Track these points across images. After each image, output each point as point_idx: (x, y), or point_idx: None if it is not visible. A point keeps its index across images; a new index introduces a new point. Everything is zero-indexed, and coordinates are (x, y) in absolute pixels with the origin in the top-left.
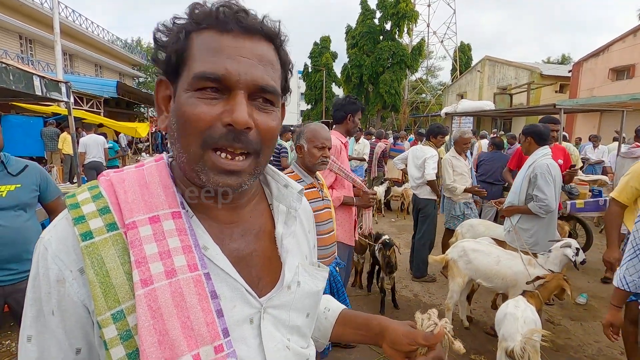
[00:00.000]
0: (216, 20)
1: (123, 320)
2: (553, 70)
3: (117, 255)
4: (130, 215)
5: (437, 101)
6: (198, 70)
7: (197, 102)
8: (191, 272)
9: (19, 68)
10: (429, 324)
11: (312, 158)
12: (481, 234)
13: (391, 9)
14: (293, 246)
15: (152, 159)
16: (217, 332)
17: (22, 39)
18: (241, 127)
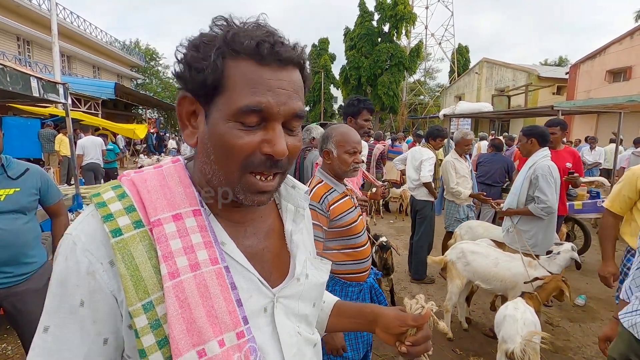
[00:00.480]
0: (256, 54)
1: (152, 310)
2: (550, 72)
3: (145, 251)
4: (155, 214)
5: (435, 103)
6: (243, 103)
7: (239, 133)
8: (213, 265)
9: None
10: (417, 307)
11: (343, 165)
12: (480, 236)
13: (389, 11)
14: (301, 242)
15: (169, 160)
16: (238, 320)
17: (19, 40)
18: (281, 157)
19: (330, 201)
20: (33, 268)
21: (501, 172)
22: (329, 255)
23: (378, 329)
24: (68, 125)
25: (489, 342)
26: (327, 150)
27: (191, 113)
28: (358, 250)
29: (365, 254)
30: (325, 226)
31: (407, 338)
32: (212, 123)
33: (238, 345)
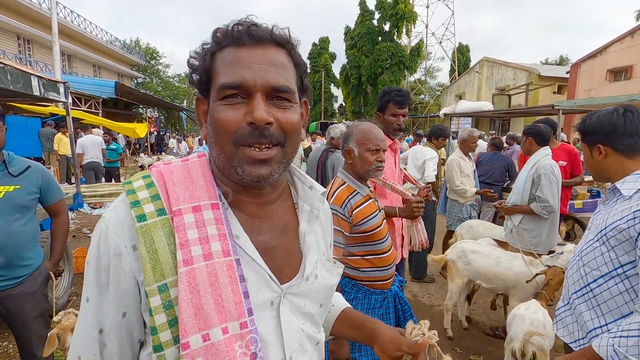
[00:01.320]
0: (232, 38)
1: (166, 292)
2: (551, 71)
3: (165, 237)
4: (177, 204)
5: (436, 102)
6: (220, 82)
7: (224, 109)
8: (225, 257)
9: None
10: (417, 333)
11: (364, 164)
12: (481, 235)
13: (390, 10)
14: (313, 243)
15: (195, 155)
16: (243, 311)
17: (20, 39)
18: (261, 123)
19: (353, 205)
20: (28, 271)
21: (501, 171)
22: (351, 262)
23: (375, 347)
24: (69, 124)
25: (489, 341)
26: (348, 149)
27: (205, 112)
28: (382, 256)
29: (390, 260)
30: (347, 232)
31: None
32: (209, 110)
33: (240, 334)
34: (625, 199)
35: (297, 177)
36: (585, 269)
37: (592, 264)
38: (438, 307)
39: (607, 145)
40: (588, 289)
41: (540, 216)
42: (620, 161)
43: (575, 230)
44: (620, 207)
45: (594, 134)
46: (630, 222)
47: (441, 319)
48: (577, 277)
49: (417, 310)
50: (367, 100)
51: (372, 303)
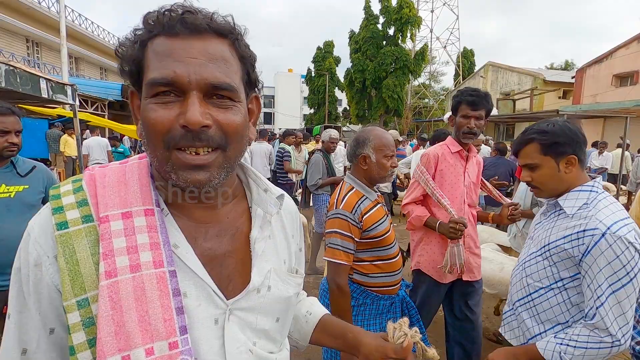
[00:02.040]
0: (164, 26)
1: (87, 307)
2: (556, 76)
3: (89, 246)
4: (105, 210)
5: (440, 106)
6: (150, 77)
7: (155, 108)
8: (155, 268)
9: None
10: (399, 334)
11: (382, 170)
12: (485, 241)
13: (394, 14)
14: (268, 250)
15: (136, 157)
16: (174, 329)
17: (28, 42)
18: (195, 127)
19: (363, 210)
20: None
21: (505, 175)
22: (360, 268)
23: (360, 356)
24: (76, 126)
25: (493, 347)
26: (364, 155)
27: (139, 108)
28: (390, 261)
29: (398, 266)
30: (357, 238)
31: None
32: (141, 107)
33: (169, 355)
34: (567, 216)
35: (252, 179)
36: (528, 279)
37: (535, 276)
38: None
39: (576, 156)
40: (530, 299)
41: None
42: (578, 173)
43: None
44: (563, 224)
45: (565, 144)
46: (575, 243)
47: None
48: (520, 286)
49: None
50: (371, 104)
51: (380, 309)
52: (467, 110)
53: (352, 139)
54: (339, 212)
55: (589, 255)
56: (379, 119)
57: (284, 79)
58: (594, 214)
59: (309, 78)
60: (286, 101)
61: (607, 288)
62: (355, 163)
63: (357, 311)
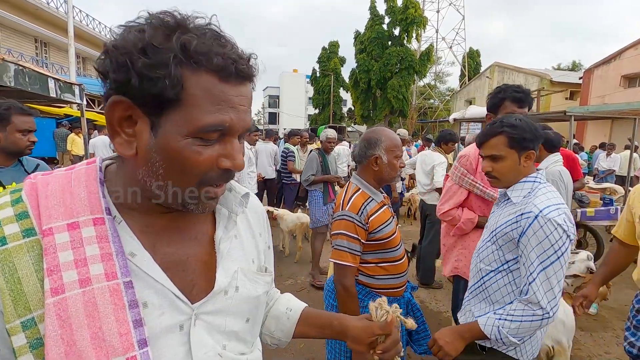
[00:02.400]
0: (218, 67)
1: (34, 328)
2: (563, 77)
3: (32, 262)
4: (48, 222)
5: (445, 107)
6: (206, 122)
7: (198, 149)
8: (108, 280)
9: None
10: (382, 313)
11: (393, 170)
12: None
13: (400, 14)
14: (234, 250)
15: (84, 162)
16: (132, 343)
17: (37, 42)
18: (239, 170)
19: (369, 212)
20: None
21: None
22: (365, 269)
23: (349, 340)
24: (83, 125)
25: None
26: (376, 156)
27: (125, 118)
28: (396, 263)
29: (403, 268)
30: (363, 239)
31: (378, 347)
32: (166, 137)
33: None
34: (512, 203)
35: None
36: (480, 264)
37: (486, 261)
38: (446, 313)
39: (534, 151)
40: (482, 282)
41: None
42: (531, 166)
43: (588, 238)
44: (508, 210)
45: (529, 140)
46: (514, 226)
47: (448, 325)
48: (475, 271)
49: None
50: (375, 105)
51: None
52: (512, 107)
53: (362, 140)
54: (345, 213)
55: (524, 235)
56: (384, 119)
57: (289, 79)
58: (532, 200)
59: (313, 78)
60: (291, 101)
61: (538, 265)
62: (365, 164)
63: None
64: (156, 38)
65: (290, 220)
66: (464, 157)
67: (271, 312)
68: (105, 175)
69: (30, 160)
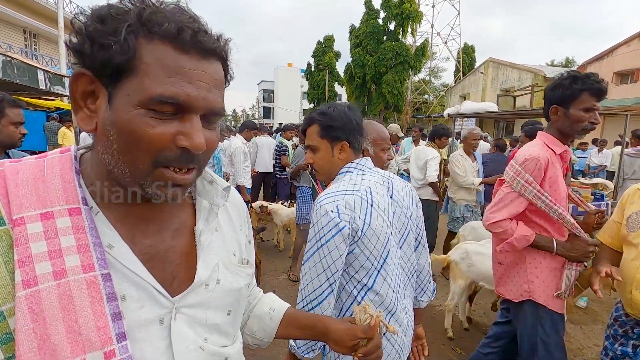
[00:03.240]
0: (175, 37)
1: (2, 322)
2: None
3: (1, 253)
4: (19, 211)
5: (440, 102)
6: (157, 92)
7: (151, 122)
8: (85, 272)
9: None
10: (365, 317)
11: (378, 162)
12: (484, 236)
13: (395, 9)
14: (215, 243)
15: (57, 150)
16: (109, 337)
17: (26, 33)
18: (199, 152)
19: None
20: None
21: None
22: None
23: (331, 342)
24: (74, 118)
25: None
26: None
27: (88, 93)
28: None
29: None
30: None
31: (359, 350)
32: (118, 108)
33: None
34: None
35: None
36: None
37: None
38: (439, 307)
39: (348, 143)
40: None
41: None
42: (350, 158)
43: None
44: None
45: (338, 129)
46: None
47: (442, 319)
48: None
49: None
50: (370, 99)
51: None
52: (591, 101)
53: None
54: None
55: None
56: (379, 114)
57: (284, 73)
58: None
59: (308, 73)
60: (286, 96)
61: (309, 250)
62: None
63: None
64: (116, 9)
65: (285, 215)
66: (532, 161)
67: (254, 311)
68: (80, 164)
69: (16, 153)
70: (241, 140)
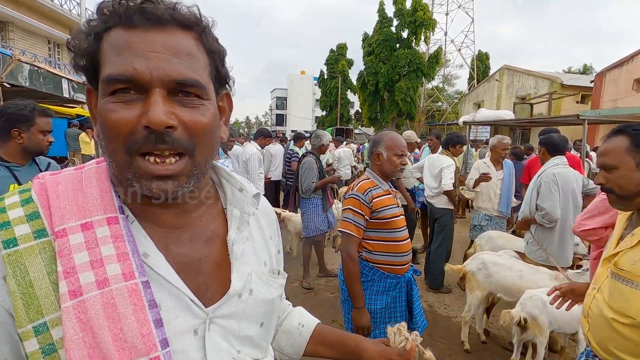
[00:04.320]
0: (120, 16)
1: (46, 333)
2: (575, 80)
3: (44, 264)
4: (61, 222)
5: (454, 110)
6: (106, 73)
7: (113, 107)
8: (126, 281)
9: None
10: (401, 339)
11: (391, 165)
12: (501, 247)
13: (409, 17)
14: (247, 252)
15: (93, 162)
16: (154, 343)
17: (50, 43)
18: (158, 127)
19: (374, 194)
20: None
21: None
22: (368, 245)
23: None
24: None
25: (508, 356)
26: (377, 152)
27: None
28: (398, 243)
29: (405, 249)
30: (367, 216)
31: None
32: (98, 106)
33: None
34: None
35: (226, 179)
36: None
37: None
38: (455, 318)
39: None
40: None
41: (547, 227)
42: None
43: None
44: None
45: None
46: None
47: (458, 330)
48: None
49: (433, 322)
50: (383, 107)
51: (387, 286)
52: None
53: (370, 141)
54: (353, 193)
55: None
56: (391, 122)
57: (297, 80)
58: None
59: (321, 80)
60: (298, 103)
61: None
62: (372, 159)
63: (366, 286)
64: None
65: (298, 222)
66: None
67: (283, 325)
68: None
69: (42, 160)
70: (256, 147)
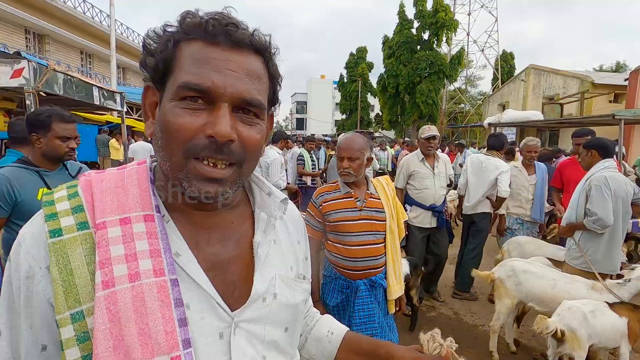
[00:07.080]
0: (205, 32)
1: (82, 321)
2: (607, 78)
3: (84, 255)
4: (102, 216)
5: (477, 111)
6: (183, 80)
7: (180, 112)
8: (156, 277)
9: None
10: (435, 346)
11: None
12: (530, 253)
13: (430, 18)
14: (272, 255)
15: (135, 162)
16: (176, 342)
17: (82, 53)
18: (223, 139)
19: (327, 198)
20: None
21: None
22: (327, 244)
23: None
24: (123, 131)
25: None
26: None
27: (155, 104)
28: (347, 247)
29: (356, 254)
30: (319, 218)
31: None
32: (162, 106)
33: None
34: None
35: (255, 183)
36: None
37: None
38: (482, 327)
39: None
40: None
41: (595, 232)
42: None
43: (639, 251)
44: None
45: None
46: None
47: (486, 339)
48: None
49: (459, 329)
50: (404, 110)
51: (338, 287)
52: None
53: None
54: (312, 197)
55: None
56: (412, 124)
57: (317, 85)
58: None
59: (341, 84)
60: (318, 107)
61: None
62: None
63: (326, 281)
64: (165, 25)
65: None
66: None
67: (312, 333)
68: (154, 175)
69: (73, 164)
70: (277, 151)
